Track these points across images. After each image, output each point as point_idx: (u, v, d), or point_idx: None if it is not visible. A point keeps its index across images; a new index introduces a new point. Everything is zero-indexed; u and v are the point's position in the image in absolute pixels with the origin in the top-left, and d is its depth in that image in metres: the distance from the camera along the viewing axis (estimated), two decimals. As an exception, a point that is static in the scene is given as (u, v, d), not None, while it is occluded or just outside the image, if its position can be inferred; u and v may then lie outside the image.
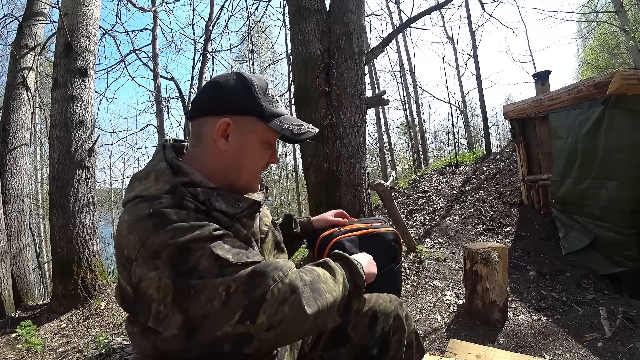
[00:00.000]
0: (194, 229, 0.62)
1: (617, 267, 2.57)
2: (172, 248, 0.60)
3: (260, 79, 0.78)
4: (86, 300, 2.85)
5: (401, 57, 12.48)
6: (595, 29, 11.12)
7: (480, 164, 6.10)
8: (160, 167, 0.71)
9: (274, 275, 0.63)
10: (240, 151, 0.76)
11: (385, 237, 1.14)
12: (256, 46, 12.38)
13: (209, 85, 0.78)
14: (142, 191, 0.69)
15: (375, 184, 2.98)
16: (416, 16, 3.12)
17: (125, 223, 0.65)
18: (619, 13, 7.15)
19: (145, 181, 0.71)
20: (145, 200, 0.66)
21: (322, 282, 0.69)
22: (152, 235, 0.61)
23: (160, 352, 0.67)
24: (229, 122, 0.74)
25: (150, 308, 0.63)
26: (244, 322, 0.60)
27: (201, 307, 0.60)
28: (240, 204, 0.75)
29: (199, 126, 0.77)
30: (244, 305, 0.60)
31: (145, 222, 0.62)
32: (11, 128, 3.84)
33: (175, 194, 0.67)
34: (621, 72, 2.39)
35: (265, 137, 0.78)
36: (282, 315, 0.62)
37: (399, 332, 0.95)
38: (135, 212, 0.65)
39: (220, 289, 0.60)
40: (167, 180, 0.69)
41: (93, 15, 3.24)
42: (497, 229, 3.66)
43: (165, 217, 0.63)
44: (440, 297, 2.28)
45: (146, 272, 0.61)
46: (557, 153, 3.11)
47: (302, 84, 2.54)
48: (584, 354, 1.69)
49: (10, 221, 3.61)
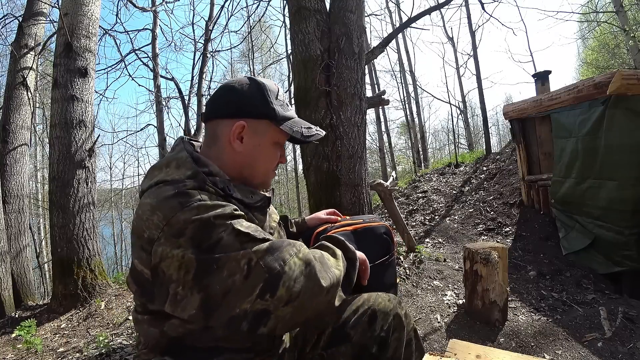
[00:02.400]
0: (217, 207, 0.66)
1: (617, 267, 2.57)
2: (197, 224, 0.63)
3: (272, 84, 0.83)
4: (86, 300, 2.85)
5: (401, 57, 12.49)
6: (595, 29, 11.11)
7: (480, 164, 6.10)
8: (182, 156, 0.75)
9: (290, 250, 0.68)
10: (254, 152, 0.81)
11: (376, 231, 1.17)
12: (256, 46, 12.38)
13: (224, 89, 0.82)
14: (163, 177, 0.72)
15: (375, 184, 2.98)
16: (416, 16, 3.12)
17: (148, 205, 0.68)
18: (619, 13, 7.15)
19: (166, 169, 0.74)
20: (169, 184, 0.70)
21: (326, 259, 0.75)
22: (177, 213, 0.64)
23: (167, 337, 0.70)
24: (244, 124, 0.78)
25: (169, 290, 0.65)
26: (264, 296, 0.63)
27: (223, 282, 0.62)
28: (254, 196, 0.80)
29: (214, 128, 0.81)
30: (265, 278, 0.63)
31: (170, 201, 0.65)
32: (11, 128, 3.84)
33: (197, 179, 0.71)
34: (621, 72, 2.39)
35: (276, 138, 0.83)
36: (300, 287, 0.65)
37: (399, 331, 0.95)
38: (160, 194, 0.68)
39: (242, 262, 0.63)
40: (189, 167, 0.73)
41: (93, 15, 3.24)
42: (497, 229, 3.66)
43: (190, 196, 0.66)
44: (440, 297, 2.28)
45: (169, 250, 0.63)
46: (558, 153, 3.11)
47: (302, 84, 2.54)
48: (584, 354, 1.69)
49: (10, 221, 3.61)
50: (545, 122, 3.42)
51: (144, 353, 0.75)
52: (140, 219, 0.68)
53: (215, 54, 7.60)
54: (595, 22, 9.63)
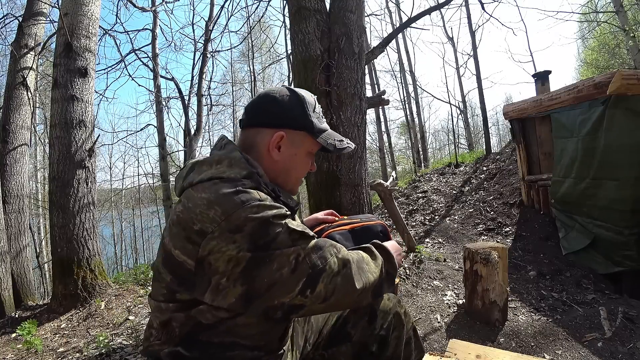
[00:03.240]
0: (275, 207, 0.70)
1: (617, 267, 2.57)
2: (257, 222, 0.66)
3: (310, 97, 0.87)
4: (86, 300, 2.85)
5: (401, 57, 12.48)
6: (595, 29, 11.11)
7: (480, 164, 6.10)
8: (235, 156, 0.78)
9: (331, 250, 0.72)
10: (290, 161, 0.85)
11: (373, 230, 1.19)
12: (256, 46, 12.38)
13: (265, 98, 0.85)
14: (217, 174, 0.74)
15: (375, 184, 2.98)
16: (416, 16, 3.12)
17: (203, 199, 0.69)
18: (619, 13, 7.15)
19: (217, 166, 0.76)
20: (226, 181, 0.72)
21: (365, 263, 0.78)
22: (239, 209, 0.66)
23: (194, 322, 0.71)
24: (284, 135, 0.82)
25: (211, 280, 0.67)
26: (305, 292, 0.68)
27: (271, 275, 0.66)
28: (291, 200, 0.83)
29: (254, 135, 0.84)
30: (308, 273, 0.68)
31: (232, 197, 0.68)
32: (11, 128, 3.83)
33: (253, 179, 0.74)
34: (621, 72, 2.39)
35: (311, 149, 0.88)
36: (335, 285, 0.70)
37: (398, 329, 0.97)
38: (217, 190, 0.70)
39: (292, 257, 0.67)
40: (243, 167, 0.76)
41: (93, 15, 3.24)
42: (497, 229, 3.66)
43: (250, 195, 0.69)
44: (440, 297, 2.28)
45: (223, 245, 0.65)
46: (558, 153, 3.11)
47: (302, 84, 2.54)
48: (584, 354, 1.69)
49: (10, 221, 3.61)
50: (545, 122, 3.42)
51: (157, 344, 0.75)
52: (192, 211, 0.69)
53: (215, 54, 7.60)
54: (595, 22, 9.63)
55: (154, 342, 0.76)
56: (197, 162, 0.80)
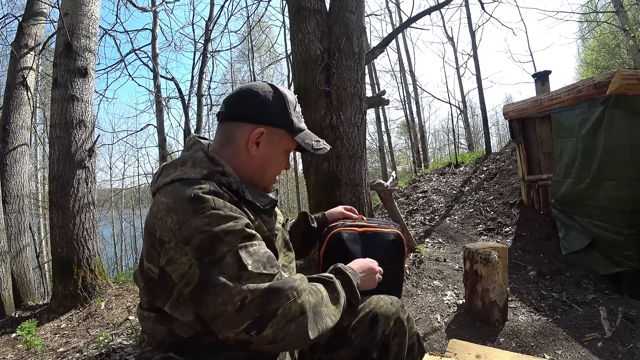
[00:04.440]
0: (229, 219, 0.66)
1: (617, 267, 2.56)
2: (204, 235, 0.64)
3: (291, 95, 0.86)
4: (86, 300, 2.85)
5: (401, 57, 12.49)
6: (595, 29, 11.11)
7: (480, 164, 6.10)
8: (198, 156, 0.77)
9: (289, 294, 0.66)
10: (267, 158, 0.84)
11: (385, 237, 1.18)
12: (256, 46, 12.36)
13: (247, 93, 0.83)
14: (179, 176, 0.73)
15: (375, 184, 2.98)
16: (416, 16, 3.12)
17: (164, 205, 0.68)
18: (619, 13, 7.15)
19: (182, 168, 0.75)
20: (185, 183, 0.70)
21: (324, 306, 0.72)
22: (189, 219, 0.64)
23: (174, 336, 0.71)
24: (263, 131, 0.81)
25: (172, 291, 0.67)
26: (250, 332, 0.63)
27: (215, 306, 0.63)
28: (263, 198, 0.81)
29: (233, 129, 0.82)
30: (255, 316, 0.63)
31: (185, 205, 0.66)
32: (11, 128, 3.83)
33: (212, 180, 0.72)
34: (621, 72, 2.39)
35: (288, 147, 0.87)
36: (287, 332, 0.64)
37: (400, 335, 0.95)
38: (175, 195, 0.69)
39: (237, 298, 0.62)
40: (205, 167, 0.74)
41: (93, 15, 3.24)
42: (497, 229, 3.66)
43: (204, 203, 0.66)
44: (440, 297, 2.28)
45: (178, 257, 0.64)
46: (557, 153, 3.11)
47: (302, 84, 2.54)
48: (584, 354, 1.69)
49: (10, 221, 3.61)
50: (545, 122, 3.42)
51: (149, 350, 0.75)
52: (155, 217, 0.69)
53: (215, 54, 7.60)
54: (595, 22, 9.63)
55: (146, 347, 0.77)
56: (165, 165, 0.80)
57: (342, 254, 1.11)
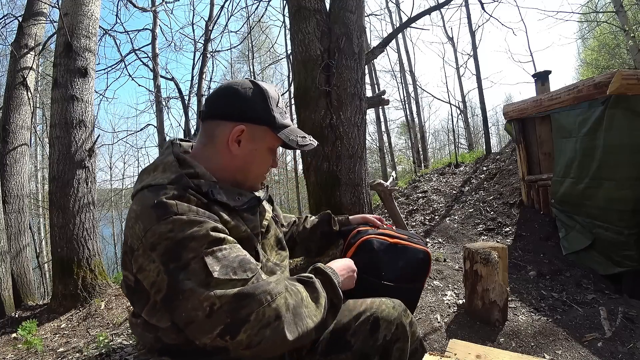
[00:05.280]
0: (193, 224, 0.65)
1: (617, 267, 2.57)
2: (168, 242, 0.63)
3: (273, 91, 0.83)
4: (86, 300, 2.85)
5: (401, 57, 12.49)
6: (595, 29, 11.12)
7: (480, 164, 6.10)
8: (168, 160, 0.76)
9: (262, 299, 0.64)
10: (250, 156, 0.82)
11: (415, 254, 1.14)
12: (256, 46, 12.37)
13: (226, 90, 0.81)
14: (149, 182, 0.73)
15: (375, 184, 2.97)
16: (416, 16, 3.12)
17: (133, 212, 0.69)
18: (619, 13, 7.15)
19: (154, 173, 0.75)
20: (151, 190, 0.70)
21: (304, 307, 0.70)
22: (154, 226, 0.64)
23: (162, 343, 0.71)
24: (244, 129, 0.79)
25: (148, 298, 0.67)
26: (224, 337, 0.61)
27: (187, 312, 0.62)
28: (241, 197, 0.79)
29: (213, 128, 0.81)
30: (226, 322, 0.61)
31: (150, 212, 0.66)
32: (11, 128, 3.84)
33: (179, 184, 0.71)
34: (621, 72, 2.39)
35: (272, 144, 0.85)
36: (263, 337, 0.62)
37: (402, 341, 0.93)
38: (142, 202, 0.68)
39: (205, 304, 0.61)
40: (173, 171, 0.73)
41: (93, 15, 3.24)
42: (497, 229, 3.66)
43: (167, 209, 0.65)
44: (440, 297, 2.28)
45: (146, 264, 0.64)
46: (558, 153, 3.12)
47: (302, 84, 2.54)
48: (584, 354, 1.69)
49: (10, 221, 3.61)
50: (545, 122, 3.42)
51: (143, 354, 0.76)
52: (127, 224, 0.69)
53: (215, 54, 7.60)
54: (595, 22, 9.63)
55: (141, 350, 0.77)
56: (141, 171, 0.80)
57: (372, 262, 1.09)
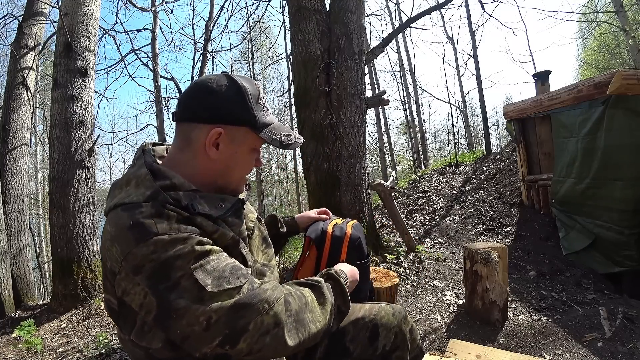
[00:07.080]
0: (176, 243, 0.61)
1: (618, 267, 2.56)
2: (154, 264, 0.59)
3: (253, 86, 0.76)
4: (86, 300, 2.85)
5: (401, 57, 12.50)
6: (595, 29, 11.12)
7: (480, 164, 6.10)
8: (141, 173, 0.69)
9: (259, 307, 0.62)
10: (230, 159, 0.75)
11: None
12: (256, 46, 12.38)
13: (200, 89, 0.73)
14: (123, 198, 0.67)
15: (375, 184, 2.98)
16: (416, 16, 3.12)
17: (108, 234, 0.64)
18: (619, 13, 7.15)
19: (127, 188, 0.69)
20: (126, 209, 0.64)
21: (308, 312, 0.68)
22: (133, 249, 0.60)
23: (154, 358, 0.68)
24: (221, 131, 0.71)
25: (136, 320, 0.64)
26: (224, 346, 0.60)
27: (182, 329, 0.60)
28: (224, 204, 0.73)
29: (188, 131, 0.73)
30: (225, 333, 0.60)
31: (126, 234, 0.61)
32: (11, 128, 3.83)
33: (156, 201, 0.65)
34: (621, 72, 2.39)
35: (254, 145, 0.78)
36: (263, 345, 0.61)
37: (401, 349, 0.92)
38: (117, 222, 0.63)
39: (201, 319, 0.59)
40: (148, 186, 0.67)
41: (93, 15, 3.24)
42: (497, 229, 3.66)
43: (145, 229, 0.61)
44: (440, 297, 2.28)
45: (130, 287, 0.61)
46: (558, 153, 3.11)
47: (302, 84, 2.54)
48: (584, 354, 1.69)
49: (10, 221, 3.61)
50: (545, 122, 3.42)
51: None
52: (104, 246, 0.65)
53: (215, 54, 7.60)
54: (595, 22, 9.63)
55: None
56: (112, 184, 0.74)
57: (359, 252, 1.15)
